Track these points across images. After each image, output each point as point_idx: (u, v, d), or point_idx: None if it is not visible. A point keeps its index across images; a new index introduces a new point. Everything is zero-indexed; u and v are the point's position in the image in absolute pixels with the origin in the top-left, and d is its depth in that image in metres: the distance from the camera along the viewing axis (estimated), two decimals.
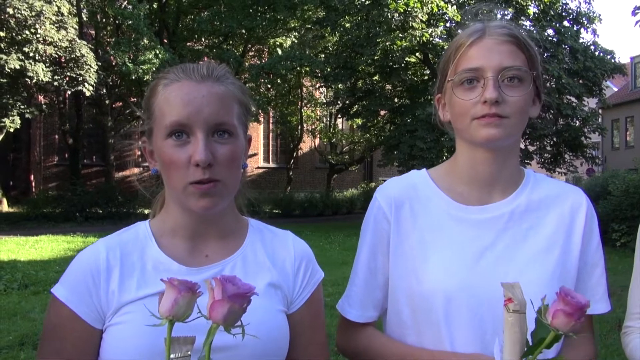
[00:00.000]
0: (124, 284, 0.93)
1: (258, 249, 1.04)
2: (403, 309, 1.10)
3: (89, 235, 13.20)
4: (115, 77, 20.24)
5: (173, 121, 0.91)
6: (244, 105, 1.00)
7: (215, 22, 19.20)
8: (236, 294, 0.69)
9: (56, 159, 27.14)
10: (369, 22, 17.24)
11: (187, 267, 0.97)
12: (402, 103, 19.34)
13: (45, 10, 13.33)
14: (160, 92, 0.96)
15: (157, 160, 0.98)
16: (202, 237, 1.00)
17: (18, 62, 13.46)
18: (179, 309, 0.70)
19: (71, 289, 0.93)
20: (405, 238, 1.12)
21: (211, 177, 0.90)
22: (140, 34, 16.15)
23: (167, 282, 0.71)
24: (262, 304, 0.94)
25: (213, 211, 0.94)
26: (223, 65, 1.03)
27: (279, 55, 18.53)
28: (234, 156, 0.94)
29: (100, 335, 0.93)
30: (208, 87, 0.94)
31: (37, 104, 17.75)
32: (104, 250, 0.96)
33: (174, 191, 0.95)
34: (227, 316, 0.68)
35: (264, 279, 1.00)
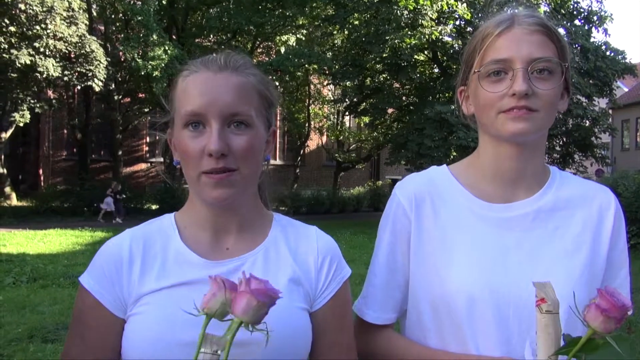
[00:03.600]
0: (144, 275, 0.93)
1: (280, 243, 1.01)
2: (424, 310, 1.07)
3: (96, 230, 13.27)
4: (124, 73, 20.33)
5: (189, 111, 0.91)
6: (264, 96, 0.98)
7: (224, 19, 19.21)
8: (259, 289, 0.68)
9: (65, 154, 27.29)
10: (378, 20, 17.18)
11: (208, 260, 0.95)
12: (411, 101, 19.28)
13: (56, 6, 13.38)
14: (180, 83, 0.96)
15: (178, 151, 0.97)
16: (223, 229, 0.99)
17: (29, 57, 13.53)
18: (215, 304, 0.69)
19: (96, 277, 0.94)
20: (426, 236, 1.09)
21: (225, 167, 0.89)
22: (150, 30, 16.18)
23: (212, 278, 0.71)
24: (283, 301, 0.92)
25: (227, 202, 0.92)
26: (243, 55, 1.01)
27: (287, 53, 18.51)
28: (250, 147, 0.91)
29: (123, 324, 0.93)
30: (225, 77, 0.93)
31: (47, 99, 17.85)
32: (128, 240, 0.96)
33: (191, 182, 0.94)
34: (247, 309, 0.67)
35: (285, 275, 0.97)
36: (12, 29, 13.67)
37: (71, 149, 26.84)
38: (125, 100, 23.37)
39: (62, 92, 19.78)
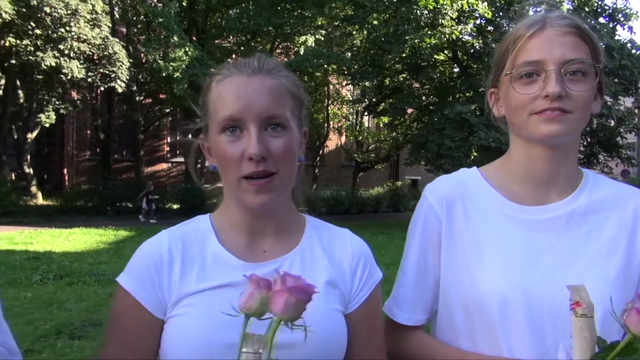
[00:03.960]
0: (184, 276, 0.94)
1: (315, 246, 1.02)
2: (456, 312, 1.07)
3: (120, 229, 13.49)
4: (145, 74, 20.62)
5: (226, 116, 0.92)
6: (297, 98, 0.99)
7: (243, 20, 19.33)
8: (296, 287, 0.69)
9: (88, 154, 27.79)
10: (398, 20, 17.09)
11: (246, 262, 0.97)
12: (430, 101, 19.14)
13: (80, 9, 13.66)
14: (213, 88, 0.97)
15: (214, 156, 0.98)
16: (259, 232, 1.00)
17: (54, 59, 13.83)
18: (253, 304, 0.70)
19: (135, 278, 0.95)
20: (457, 238, 1.09)
21: (266, 170, 0.90)
22: (171, 32, 16.38)
23: (248, 277, 0.72)
24: (320, 303, 0.92)
25: (269, 207, 0.94)
26: (274, 58, 1.02)
27: (306, 53, 18.55)
28: (288, 149, 0.93)
29: (162, 325, 0.94)
30: (259, 80, 0.93)
31: (71, 100, 18.21)
32: (166, 241, 0.97)
33: (229, 186, 0.96)
34: (286, 308, 0.68)
35: (322, 277, 0.98)
36: (38, 32, 14.00)
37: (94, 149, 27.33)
38: (147, 101, 23.71)
39: (85, 93, 20.17)
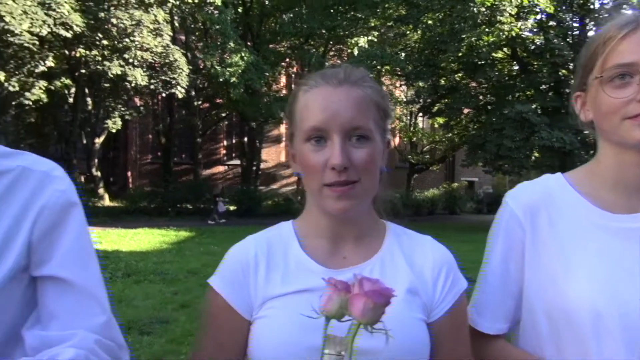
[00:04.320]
0: (269, 280, 0.97)
1: (396, 253, 1.02)
2: (540, 321, 1.04)
3: (180, 230, 14.00)
4: (202, 80, 21.33)
5: (311, 126, 0.94)
6: (381, 108, 1.00)
7: (297, 24, 19.59)
8: (374, 290, 0.69)
9: (150, 157, 29.07)
10: (453, 18, 16.73)
11: (327, 268, 0.98)
12: (488, 100, 18.58)
13: (144, 19, 14.33)
14: (300, 98, 0.99)
15: (298, 163, 1.00)
16: (340, 238, 1.01)
17: (119, 68, 14.58)
18: (332, 306, 0.71)
19: (225, 280, 0.99)
20: (542, 247, 1.05)
21: (347, 179, 0.92)
22: (227, 38, 16.86)
23: (327, 280, 0.73)
24: (401, 310, 0.93)
25: (350, 214, 0.95)
26: (361, 68, 1.03)
27: (359, 55, 18.52)
28: (370, 159, 0.94)
29: (249, 325, 0.98)
30: (345, 91, 0.94)
31: (135, 107, 19.11)
32: (252, 246, 1.01)
33: (312, 193, 0.98)
34: (365, 311, 0.68)
35: (403, 285, 0.98)
36: (105, 43, 14.81)
37: (156, 153, 28.55)
38: (204, 105, 24.52)
39: (147, 99, 21.11)
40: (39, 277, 0.79)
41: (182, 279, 7.62)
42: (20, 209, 0.78)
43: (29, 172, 0.81)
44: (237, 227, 16.27)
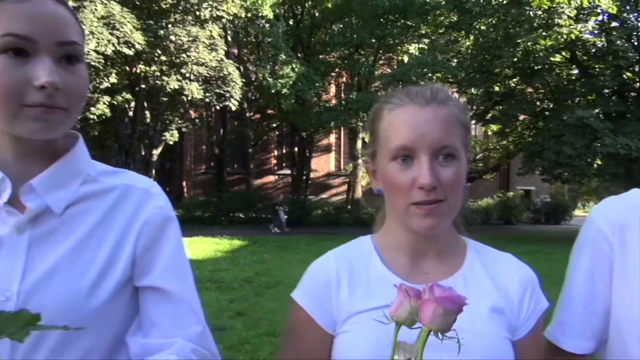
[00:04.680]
0: (352, 294, 0.98)
1: (478, 270, 1.02)
2: (630, 342, 0.99)
3: (234, 238, 14.30)
4: (254, 91, 21.83)
5: (398, 145, 0.94)
6: (465, 126, 1.00)
7: (347, 34, 19.71)
8: (445, 297, 0.69)
9: (204, 168, 30.00)
10: (508, 22, 16.29)
11: (409, 283, 0.98)
12: (546, 106, 17.90)
13: (200, 35, 14.87)
14: (385, 116, 1.00)
15: (380, 180, 1.01)
16: (421, 254, 1.02)
17: (177, 83, 15.17)
18: (403, 312, 0.72)
19: (308, 295, 1.01)
20: (632, 265, 1.01)
21: (436, 198, 0.92)
22: (279, 50, 17.20)
23: (398, 287, 0.74)
24: (487, 329, 0.93)
25: (435, 232, 0.96)
26: (445, 87, 1.04)
27: (410, 63, 18.37)
28: (457, 178, 0.95)
29: (332, 339, 0.99)
30: (432, 110, 0.95)
31: (191, 119, 19.79)
32: (333, 262, 1.03)
33: (397, 211, 0.98)
34: (435, 317, 0.68)
35: (487, 302, 0.97)
36: (163, 58, 15.47)
37: (209, 163, 29.41)
38: (256, 116, 25.07)
39: (202, 111, 21.82)
40: (140, 287, 0.84)
41: (237, 287, 7.78)
42: (125, 224, 0.83)
43: (132, 189, 0.86)
44: (289, 237, 16.47)
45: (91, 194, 0.84)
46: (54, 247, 0.78)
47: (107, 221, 0.83)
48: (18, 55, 0.72)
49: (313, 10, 21.68)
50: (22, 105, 0.73)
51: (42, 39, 0.73)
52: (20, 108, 0.73)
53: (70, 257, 0.78)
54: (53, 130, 0.76)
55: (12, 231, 0.77)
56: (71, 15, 0.79)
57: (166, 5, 14.64)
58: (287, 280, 8.46)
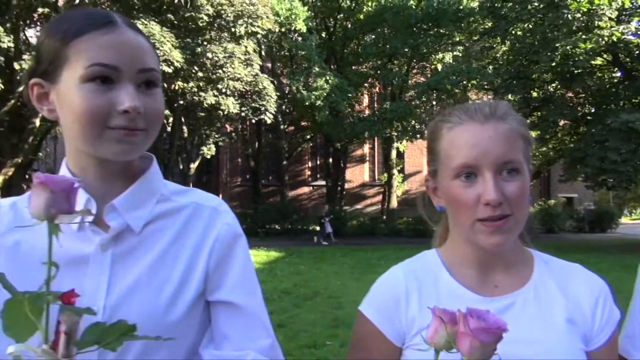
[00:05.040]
0: (423, 309, 0.99)
1: (548, 281, 1.01)
2: None
3: (270, 250, 14.40)
4: (288, 104, 22.09)
5: (461, 163, 0.95)
6: (527, 139, 1.00)
7: (380, 44, 19.73)
8: (480, 329, 0.66)
9: (239, 180, 30.46)
10: (545, 27, 15.92)
11: (480, 296, 0.99)
12: (587, 111, 17.34)
13: (236, 51, 15.20)
14: (444, 135, 1.00)
15: (443, 198, 1.02)
16: (490, 268, 1.02)
17: (214, 98, 15.52)
18: (440, 339, 0.70)
19: (376, 308, 1.03)
20: None
21: (502, 214, 0.92)
22: (312, 63, 17.38)
23: (432, 310, 0.72)
24: (561, 340, 0.92)
25: (502, 248, 0.95)
26: (504, 102, 1.04)
27: (445, 71, 18.21)
28: (522, 192, 0.94)
29: (399, 352, 1.00)
30: (493, 127, 0.95)
31: (227, 133, 20.17)
32: (402, 276, 1.04)
33: (462, 228, 0.98)
34: (472, 350, 0.66)
35: (560, 314, 0.96)
36: (200, 75, 15.86)
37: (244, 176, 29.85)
38: (290, 129, 25.32)
39: (237, 125, 22.21)
40: (212, 302, 0.88)
41: (277, 298, 7.81)
42: (197, 241, 0.87)
43: (201, 207, 0.90)
44: (325, 248, 16.47)
45: (165, 213, 0.88)
46: (135, 263, 0.83)
47: (180, 239, 0.87)
48: (104, 83, 0.78)
49: (345, 22, 21.84)
50: (106, 127, 0.78)
51: (125, 67, 0.79)
52: (104, 130, 0.78)
53: (149, 273, 0.82)
54: (134, 152, 0.81)
55: (97, 249, 0.82)
56: (148, 44, 0.85)
57: (203, 24, 15.05)
58: (324, 292, 8.45)
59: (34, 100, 0.84)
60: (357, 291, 8.71)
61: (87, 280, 0.80)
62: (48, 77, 0.82)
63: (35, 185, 0.59)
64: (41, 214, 0.60)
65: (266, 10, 15.68)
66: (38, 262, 0.80)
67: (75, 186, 0.60)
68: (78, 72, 0.78)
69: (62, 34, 0.80)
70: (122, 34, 0.81)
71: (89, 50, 0.78)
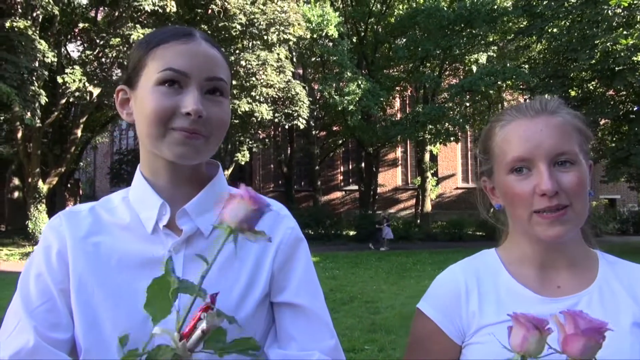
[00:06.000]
0: (482, 307, 0.99)
1: (613, 283, 0.98)
2: None
3: None
4: (320, 109, 22.18)
5: (515, 157, 0.95)
6: (583, 132, 0.99)
7: (411, 47, 19.61)
8: (590, 328, 0.67)
9: (272, 186, 30.77)
10: (583, 24, 15.47)
11: (541, 296, 0.98)
12: (630, 109, 16.72)
13: (269, 59, 15.40)
14: (497, 133, 1.01)
15: (500, 196, 1.02)
16: (551, 266, 1.00)
17: (247, 105, 15.75)
18: (529, 346, 0.70)
19: (435, 306, 1.03)
20: None
21: (559, 204, 0.91)
22: (344, 68, 17.41)
23: (514, 317, 0.72)
24: (629, 344, 0.90)
25: (562, 239, 0.94)
26: (555, 97, 1.03)
27: (479, 72, 17.92)
28: (579, 182, 0.93)
29: (460, 350, 1.01)
30: (544, 120, 0.96)
31: (260, 139, 20.41)
32: (461, 275, 1.04)
33: (520, 221, 0.98)
34: (584, 351, 0.66)
35: (627, 317, 0.94)
36: (234, 83, 16.13)
37: (277, 181, 30.12)
38: (322, 134, 25.42)
39: (270, 131, 22.44)
40: (276, 303, 0.90)
41: None
42: (262, 245, 0.90)
43: None
44: (358, 253, 16.42)
45: None
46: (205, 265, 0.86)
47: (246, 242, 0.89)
48: (172, 87, 0.83)
49: (376, 27, 21.81)
50: (169, 128, 0.82)
51: (194, 73, 0.83)
52: (167, 131, 0.82)
53: (218, 275, 0.85)
54: (194, 155, 0.84)
55: (170, 251, 0.86)
56: (222, 57, 0.90)
57: (236, 32, 15.31)
58: (360, 296, 8.42)
59: (117, 105, 0.90)
60: (394, 296, 8.66)
61: None
62: (130, 83, 0.88)
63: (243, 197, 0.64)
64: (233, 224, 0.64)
65: (297, 17, 15.82)
66: (117, 263, 0.85)
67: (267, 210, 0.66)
68: (153, 76, 0.83)
69: (146, 44, 0.86)
70: (197, 45, 0.85)
71: (165, 57, 0.84)
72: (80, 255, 0.85)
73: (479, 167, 1.09)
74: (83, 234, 0.87)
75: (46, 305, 0.82)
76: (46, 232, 0.88)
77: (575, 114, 1.01)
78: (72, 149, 18.03)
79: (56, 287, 0.83)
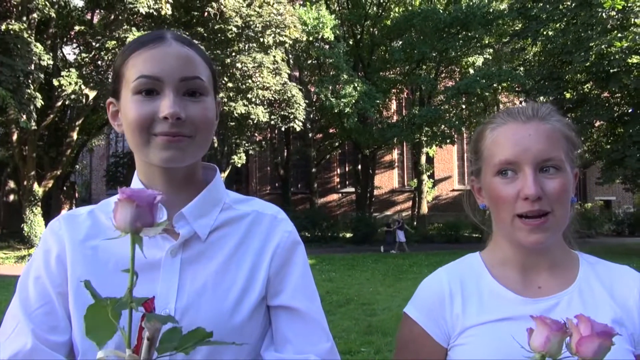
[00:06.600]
0: (466, 309, 1.01)
1: (593, 283, 1.01)
2: None
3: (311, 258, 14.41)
4: (316, 112, 22.21)
5: (502, 160, 0.97)
6: (570, 140, 1.01)
7: (407, 50, 19.67)
8: (604, 331, 0.69)
9: (269, 188, 30.75)
10: (578, 26, 15.56)
11: (523, 297, 1.00)
12: (625, 111, 16.82)
13: (265, 61, 15.40)
14: (487, 135, 1.03)
15: (485, 197, 1.04)
16: (532, 268, 1.02)
17: (244, 107, 15.74)
18: (552, 347, 0.71)
19: (421, 310, 1.05)
20: None
21: (540, 209, 0.93)
22: (340, 70, 17.45)
23: (538, 318, 0.73)
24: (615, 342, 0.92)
25: (543, 246, 0.96)
26: (547, 104, 1.06)
27: (475, 74, 17.99)
28: (563, 189, 0.95)
29: (445, 352, 1.02)
30: (534, 126, 0.98)
31: (257, 142, 20.40)
32: (446, 278, 1.06)
33: (503, 224, 1.00)
34: (598, 352, 0.68)
35: (606, 315, 0.96)
36: (230, 85, 16.12)
37: (274, 184, 30.10)
38: (318, 136, 25.44)
39: (266, 134, 22.43)
40: (272, 306, 0.91)
41: None
42: (259, 248, 0.90)
43: (262, 215, 0.94)
44: (355, 255, 16.42)
45: (228, 221, 0.92)
46: (202, 268, 0.87)
47: (243, 245, 0.90)
48: (148, 94, 0.83)
49: (372, 29, 21.87)
50: (151, 134, 0.83)
51: (167, 77, 0.83)
52: (150, 137, 0.83)
53: (215, 278, 0.86)
54: (181, 157, 0.84)
55: (168, 255, 0.86)
56: (197, 55, 0.89)
57: (232, 35, 15.31)
58: (357, 299, 8.42)
59: (109, 118, 0.91)
60: (390, 298, 8.67)
61: (160, 284, 0.85)
62: (116, 95, 0.89)
63: (121, 200, 0.61)
64: (127, 228, 0.61)
65: (293, 20, 15.84)
66: (114, 266, 0.86)
67: (157, 200, 0.63)
68: (130, 86, 0.84)
69: (122, 55, 0.87)
70: (166, 47, 0.85)
71: (136, 65, 0.84)
72: (79, 259, 0.86)
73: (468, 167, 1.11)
74: (82, 237, 0.88)
75: (44, 308, 0.83)
76: (46, 235, 0.89)
77: (566, 121, 1.03)
78: (68, 151, 17.97)
79: (54, 290, 0.84)
